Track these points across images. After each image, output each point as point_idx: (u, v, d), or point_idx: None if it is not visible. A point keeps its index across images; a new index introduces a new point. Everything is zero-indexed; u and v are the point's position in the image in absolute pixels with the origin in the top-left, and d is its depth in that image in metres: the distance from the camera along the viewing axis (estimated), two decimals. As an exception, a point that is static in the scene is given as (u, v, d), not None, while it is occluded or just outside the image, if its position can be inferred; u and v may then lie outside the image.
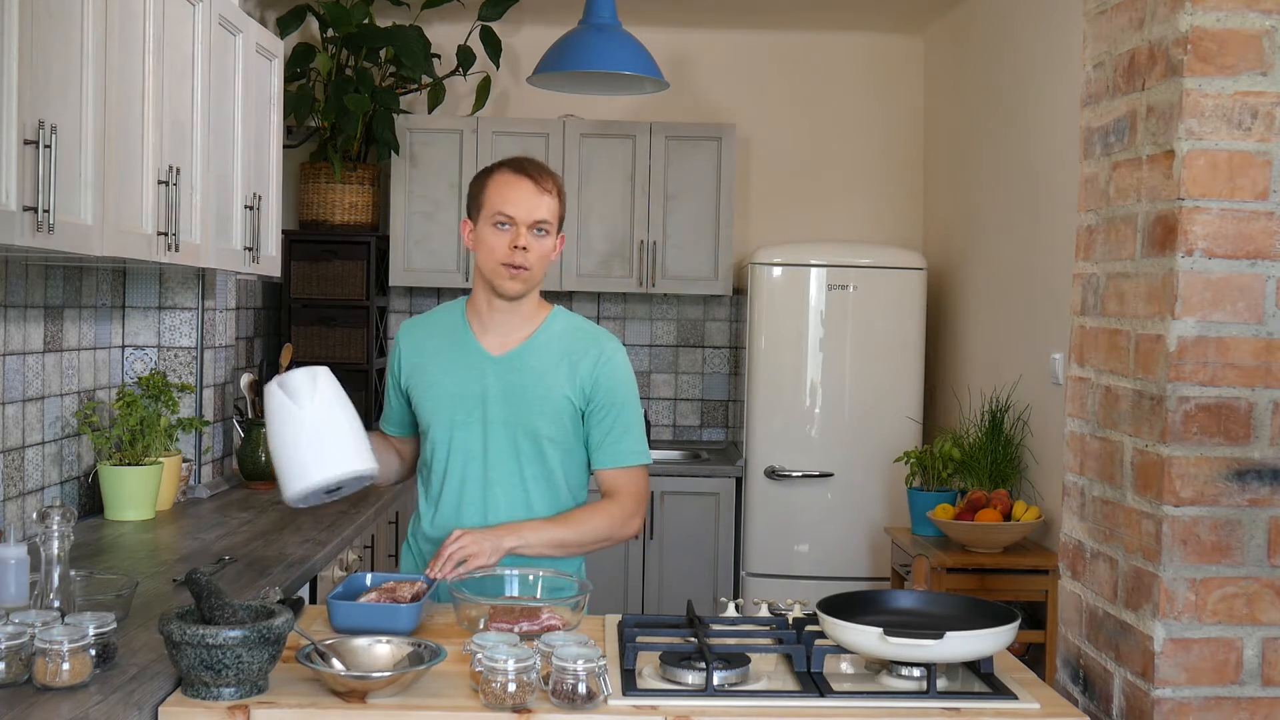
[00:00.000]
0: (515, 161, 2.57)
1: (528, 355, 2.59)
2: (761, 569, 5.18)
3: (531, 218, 2.51)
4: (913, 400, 5.16)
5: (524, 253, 2.50)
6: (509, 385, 2.57)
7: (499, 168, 2.57)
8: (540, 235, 2.53)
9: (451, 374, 2.60)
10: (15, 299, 3.06)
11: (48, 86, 2.29)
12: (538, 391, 2.56)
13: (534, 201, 2.51)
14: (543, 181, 2.53)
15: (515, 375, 2.57)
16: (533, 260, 2.52)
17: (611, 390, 2.59)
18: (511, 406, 2.57)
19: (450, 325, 2.65)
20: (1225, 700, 1.95)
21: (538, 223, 2.52)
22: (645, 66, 4.29)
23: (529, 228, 2.51)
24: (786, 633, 2.30)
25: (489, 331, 2.60)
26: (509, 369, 2.58)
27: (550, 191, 2.54)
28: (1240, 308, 1.93)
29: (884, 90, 5.87)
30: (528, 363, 2.58)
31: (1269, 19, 1.91)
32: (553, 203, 2.54)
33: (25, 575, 2.18)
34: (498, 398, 2.57)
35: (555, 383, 2.57)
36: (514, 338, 2.60)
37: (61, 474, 3.33)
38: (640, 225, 5.47)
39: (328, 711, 1.91)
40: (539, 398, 2.56)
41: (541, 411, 2.56)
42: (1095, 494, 2.16)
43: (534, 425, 2.57)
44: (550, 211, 2.53)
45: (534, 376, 2.57)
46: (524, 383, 2.57)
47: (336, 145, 5.21)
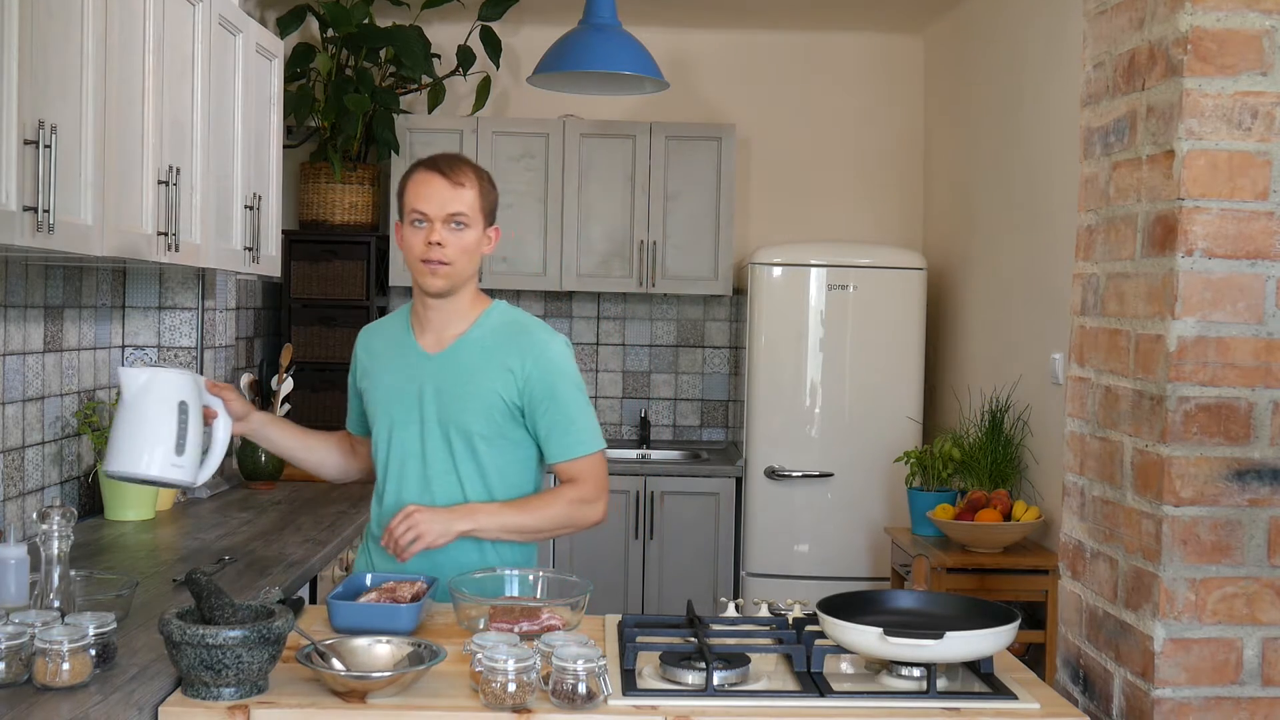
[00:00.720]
0: (430, 159, 2.56)
1: (461, 352, 2.57)
2: (761, 569, 5.18)
3: (444, 212, 2.49)
4: (913, 400, 5.16)
5: (440, 248, 2.48)
6: (442, 383, 2.56)
7: (415, 167, 2.57)
8: (458, 229, 2.50)
9: (392, 374, 2.61)
10: (15, 299, 3.06)
11: (48, 86, 2.29)
12: (469, 389, 2.55)
13: (446, 196, 2.50)
14: (455, 175, 2.51)
15: (448, 373, 2.56)
16: (452, 255, 2.49)
17: (548, 384, 2.55)
18: (444, 404, 2.56)
19: (396, 328, 2.67)
20: (1225, 700, 1.95)
21: (452, 216, 2.50)
22: (645, 66, 4.29)
23: (443, 222, 2.49)
24: (786, 633, 2.30)
25: (426, 330, 2.60)
26: (443, 367, 2.57)
27: (465, 184, 2.51)
28: (1240, 308, 1.93)
29: (884, 90, 5.87)
30: (461, 360, 2.57)
31: (1269, 19, 1.91)
32: (469, 195, 2.52)
33: (25, 575, 2.18)
34: (432, 396, 2.56)
35: (486, 379, 2.54)
36: (449, 334, 2.59)
37: (61, 474, 3.33)
38: (640, 225, 5.47)
39: (328, 711, 1.91)
40: (470, 395, 2.54)
41: (472, 408, 2.54)
42: (1095, 494, 2.16)
43: (465, 423, 2.55)
44: (467, 204, 2.51)
45: (466, 374, 2.56)
46: (456, 380, 2.56)
47: (336, 145, 5.21)
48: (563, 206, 5.45)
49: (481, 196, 2.54)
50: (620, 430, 5.87)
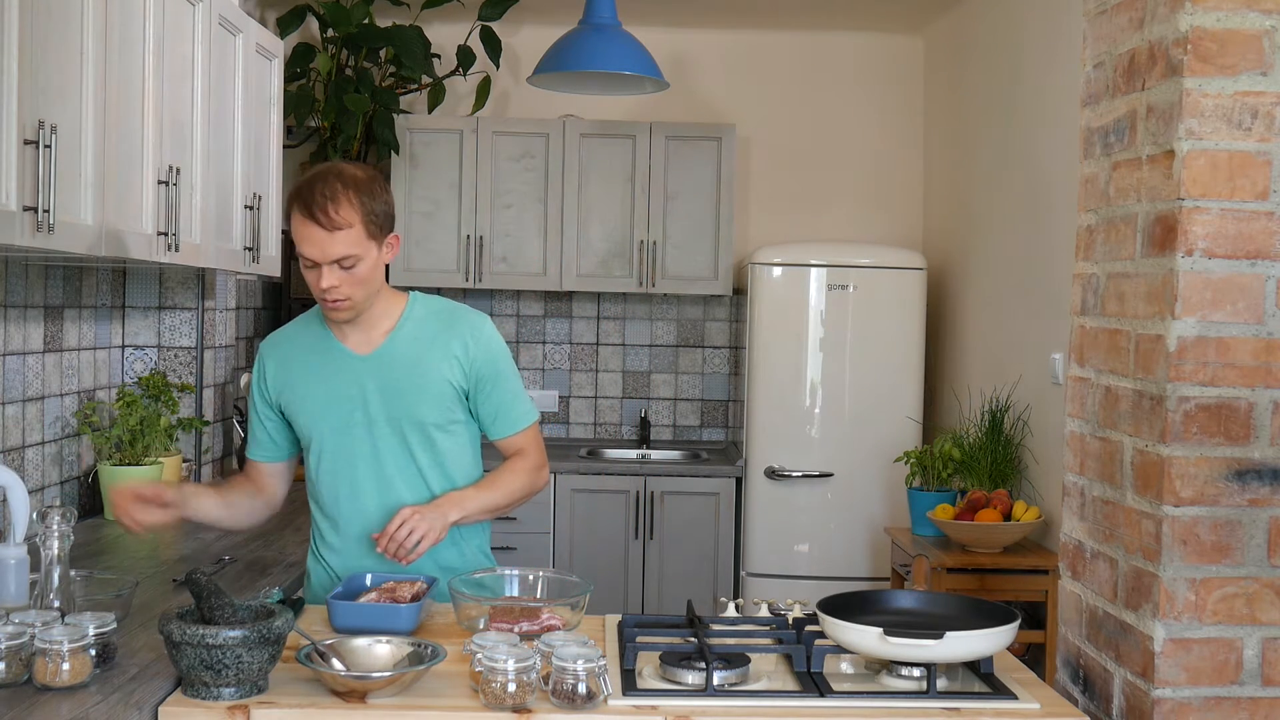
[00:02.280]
0: (307, 196, 2.41)
1: (396, 347, 2.56)
2: (761, 569, 5.18)
3: (328, 258, 2.40)
4: (913, 400, 5.16)
5: (335, 288, 2.43)
6: (384, 381, 2.54)
7: (295, 202, 2.43)
8: (347, 269, 2.42)
9: (324, 382, 2.56)
10: (15, 299, 3.06)
11: (48, 86, 2.29)
12: (414, 381, 2.54)
13: (326, 244, 2.39)
14: (332, 220, 2.38)
15: (389, 370, 2.55)
16: (347, 291, 2.44)
17: (492, 363, 2.59)
18: (392, 402, 2.54)
19: (311, 335, 2.60)
20: (1225, 700, 1.95)
21: (338, 260, 2.41)
22: (645, 66, 4.29)
23: (330, 265, 2.41)
24: (786, 633, 2.30)
25: (349, 335, 2.56)
26: (381, 365, 2.55)
27: (343, 225, 2.39)
28: (1240, 308, 1.93)
29: (884, 90, 5.87)
30: (398, 355, 2.55)
31: (1269, 19, 1.91)
32: (350, 234, 2.40)
33: (25, 575, 2.18)
34: (376, 396, 2.54)
35: (431, 368, 2.54)
36: (377, 333, 2.57)
37: (61, 474, 3.33)
38: (640, 225, 5.47)
39: (328, 711, 1.91)
40: (417, 387, 2.54)
41: (423, 400, 2.55)
42: (1095, 494, 2.16)
43: (418, 415, 2.55)
44: (350, 244, 2.40)
45: (408, 367, 2.55)
46: (399, 375, 2.54)
47: (336, 145, 5.20)
48: (563, 206, 5.45)
49: (366, 224, 2.42)
50: (620, 430, 5.87)
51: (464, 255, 5.42)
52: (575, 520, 5.18)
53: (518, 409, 2.63)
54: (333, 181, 2.42)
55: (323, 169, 2.47)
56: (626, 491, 5.20)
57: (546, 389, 5.84)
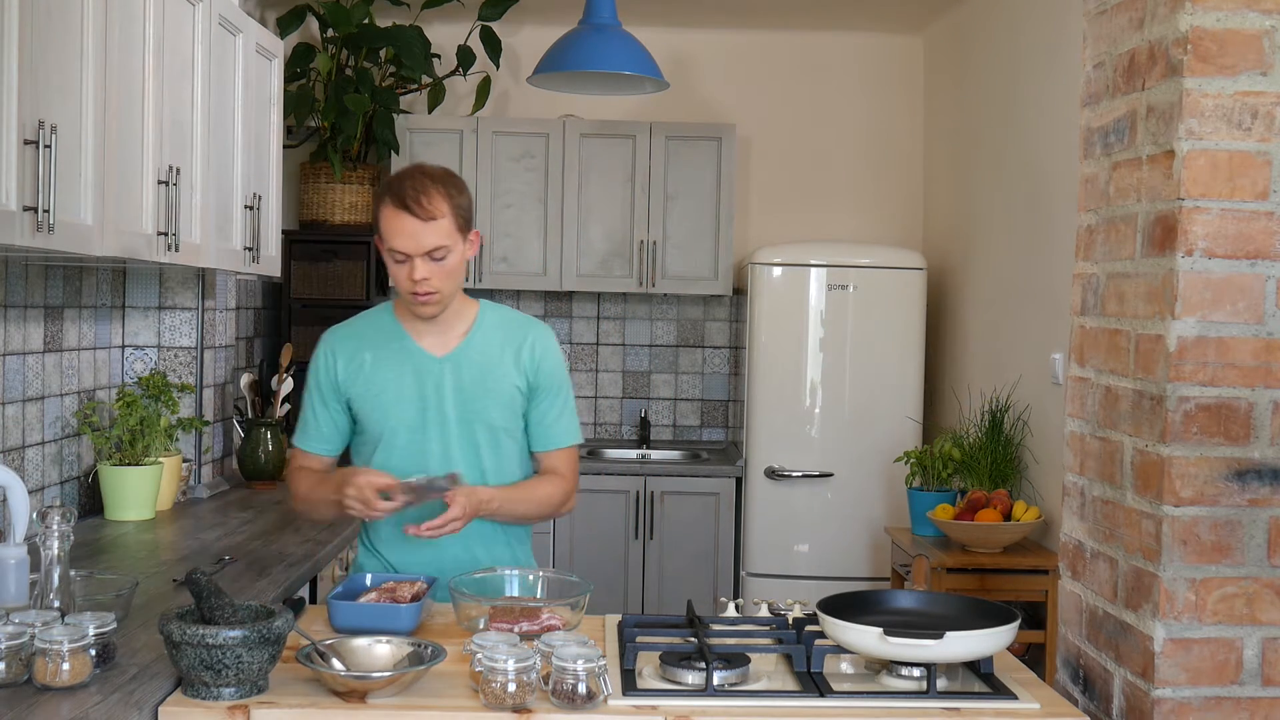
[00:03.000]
0: (398, 190, 2.49)
1: (471, 351, 2.62)
2: (761, 569, 5.18)
3: (421, 249, 2.47)
4: (913, 400, 5.16)
5: (426, 281, 2.49)
6: (459, 382, 2.60)
7: (386, 196, 2.50)
8: (439, 260, 2.49)
9: (400, 379, 2.60)
10: (15, 299, 3.06)
11: (48, 86, 2.29)
12: (487, 384, 2.61)
13: (420, 235, 2.46)
14: (425, 210, 2.46)
15: (463, 372, 2.61)
16: (437, 284, 2.51)
17: (552, 374, 2.66)
18: (465, 403, 2.60)
19: (383, 332, 2.64)
20: (1225, 700, 1.95)
21: (430, 251, 2.48)
22: (645, 66, 4.29)
23: (422, 258, 2.48)
24: (786, 633, 2.30)
25: (424, 335, 2.62)
26: (456, 367, 2.61)
27: (436, 215, 2.47)
28: (1240, 308, 1.93)
29: (884, 90, 5.87)
30: (472, 359, 2.62)
31: (1269, 19, 1.91)
32: (442, 225, 2.48)
33: (25, 575, 2.18)
34: (451, 396, 2.59)
35: (503, 374, 2.62)
36: (452, 336, 2.63)
37: (61, 474, 3.33)
38: (640, 225, 5.47)
39: (328, 711, 1.91)
40: (489, 390, 2.61)
41: (496, 403, 2.61)
42: (1095, 494, 2.16)
43: (490, 418, 2.61)
44: (442, 235, 2.48)
45: (481, 370, 2.61)
46: (473, 378, 2.61)
47: (336, 145, 5.20)
48: (563, 206, 5.45)
49: (455, 216, 2.51)
50: (620, 430, 5.87)
51: (464, 255, 5.42)
52: (575, 520, 5.17)
53: (563, 425, 2.70)
54: (420, 177, 2.52)
55: (407, 169, 2.57)
56: (626, 491, 5.20)
57: (546, 389, 5.83)
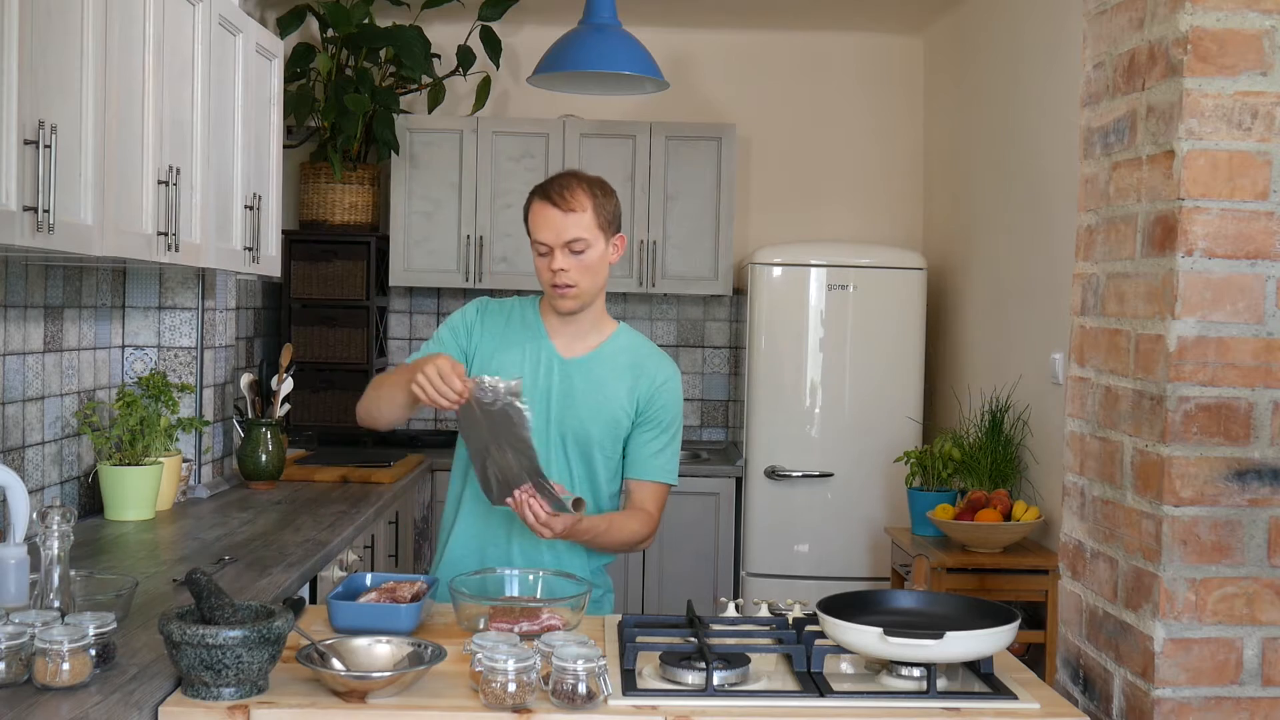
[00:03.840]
0: (545, 186, 2.64)
1: (595, 363, 2.69)
2: (761, 569, 5.18)
3: (562, 240, 2.58)
4: (913, 400, 5.16)
5: (564, 273, 2.60)
6: (572, 388, 2.67)
7: (534, 194, 2.65)
8: (579, 254, 2.60)
9: (520, 364, 2.67)
10: (15, 299, 3.06)
11: (48, 86, 2.29)
12: (597, 399, 2.67)
13: (561, 225, 2.58)
14: (568, 203, 2.59)
15: (580, 380, 2.67)
16: (575, 277, 2.60)
17: (664, 409, 2.71)
18: (569, 408, 2.66)
19: (526, 319, 2.73)
20: (1225, 700, 1.95)
21: (569, 243, 2.59)
22: (645, 66, 4.29)
23: (563, 249, 2.59)
24: (786, 633, 2.30)
25: (560, 334, 2.70)
26: (576, 373, 2.68)
27: (578, 209, 2.59)
28: (1240, 308, 1.93)
29: (884, 90, 5.87)
30: (594, 371, 2.68)
31: (1269, 19, 1.91)
32: (583, 218, 2.59)
33: (25, 575, 2.18)
34: (560, 398, 2.66)
35: (615, 394, 2.68)
36: (584, 344, 2.71)
37: (61, 474, 3.33)
38: (640, 225, 5.47)
39: (328, 711, 1.91)
40: (597, 405, 2.67)
41: (596, 418, 2.66)
42: (1095, 494, 2.16)
43: (586, 430, 2.66)
44: (583, 228, 2.59)
45: (596, 384, 2.67)
46: (586, 389, 2.67)
47: (336, 145, 5.21)
48: (563, 206, 5.44)
49: (598, 213, 2.61)
50: (620, 430, 5.87)
51: (464, 255, 5.42)
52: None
53: (662, 460, 2.72)
54: (568, 176, 2.66)
55: (561, 172, 2.73)
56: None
57: (546, 389, 5.84)
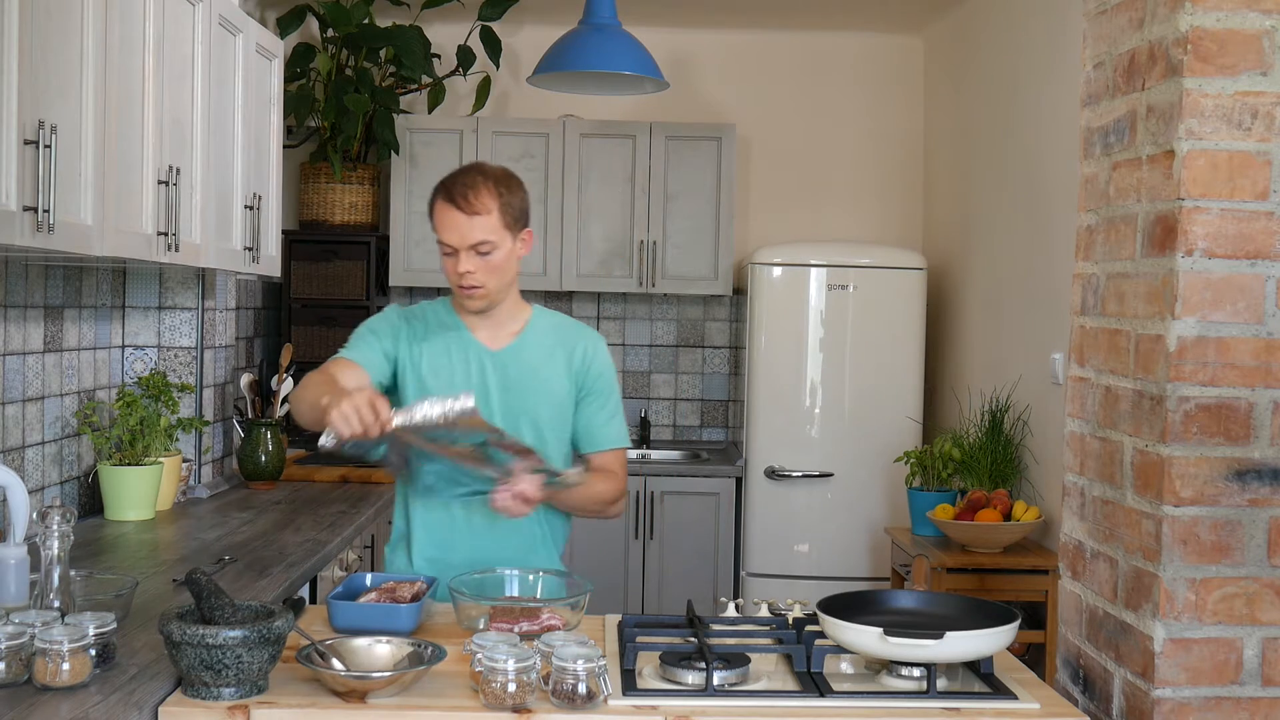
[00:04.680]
0: (448, 186, 2.57)
1: (524, 349, 2.68)
2: (761, 569, 5.18)
3: (467, 244, 2.53)
4: (913, 400, 5.16)
5: (471, 274, 2.55)
6: (510, 378, 2.65)
7: (437, 192, 2.58)
8: (484, 255, 2.55)
9: (453, 365, 2.64)
10: (15, 299, 3.06)
11: (48, 86, 2.29)
12: (536, 382, 2.66)
13: (466, 228, 2.53)
14: (472, 205, 2.52)
15: (515, 368, 2.66)
16: (482, 279, 2.56)
17: (604, 377, 2.72)
18: (513, 398, 2.64)
19: (443, 320, 2.69)
20: (1225, 700, 1.95)
21: (475, 246, 2.54)
22: (645, 66, 4.29)
23: (468, 252, 2.54)
24: (786, 633, 2.30)
25: (480, 328, 2.68)
26: (509, 362, 2.66)
27: (483, 211, 2.53)
28: (1240, 308, 1.93)
29: (884, 90, 5.87)
30: (525, 356, 2.67)
31: (1269, 19, 1.91)
32: (488, 220, 2.53)
33: (25, 575, 2.18)
34: (498, 390, 2.64)
35: (554, 373, 2.68)
36: (506, 333, 2.68)
37: (61, 474, 3.33)
38: (640, 225, 5.47)
39: (328, 711, 1.91)
40: (540, 388, 2.66)
41: (544, 401, 2.66)
42: (1095, 494, 2.16)
43: (537, 414, 2.65)
44: (488, 229, 2.53)
45: (532, 369, 2.67)
46: (524, 375, 2.66)
47: (336, 145, 5.20)
48: (563, 206, 5.45)
49: (504, 213, 2.56)
50: (620, 430, 5.86)
51: (464, 255, 5.42)
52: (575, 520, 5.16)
53: (613, 428, 2.74)
54: (473, 174, 2.58)
55: (465, 166, 2.64)
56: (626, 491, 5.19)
57: (546, 389, 5.84)
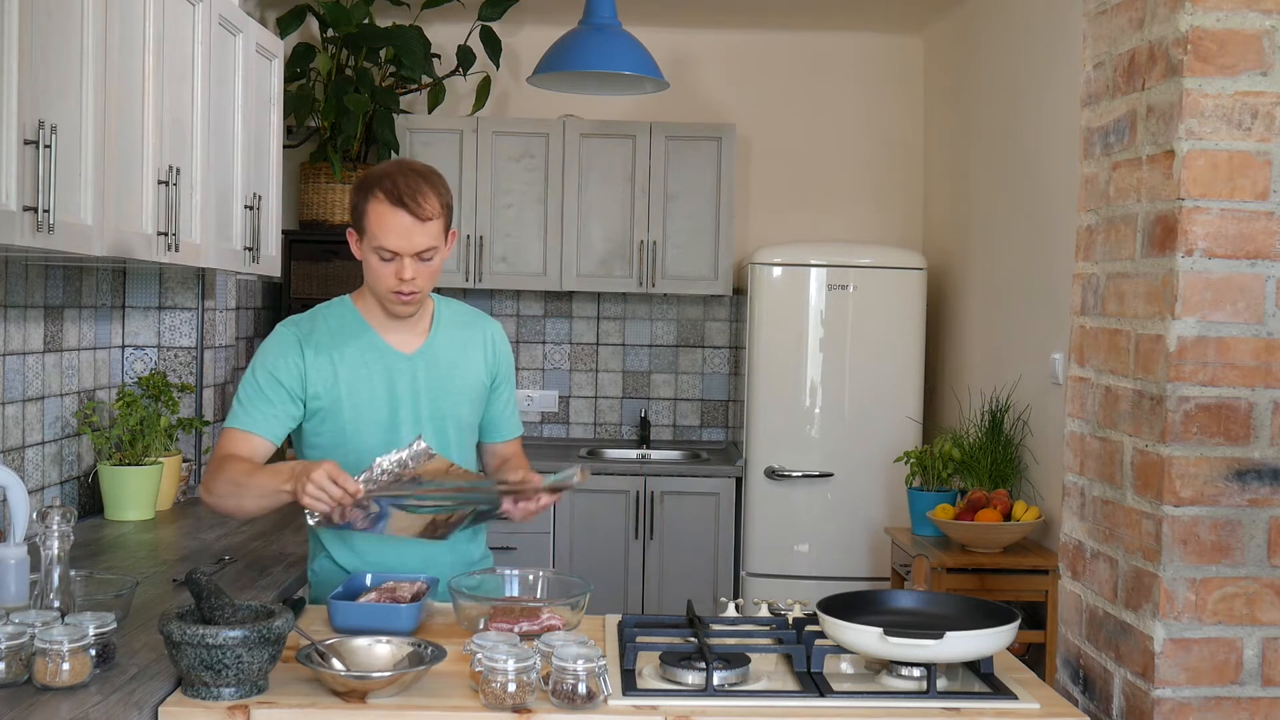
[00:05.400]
0: (391, 184, 2.40)
1: (437, 348, 2.59)
2: (761, 569, 5.18)
3: (414, 250, 2.41)
4: (913, 400, 5.16)
5: (413, 280, 2.43)
6: (429, 380, 2.56)
7: (375, 190, 2.41)
8: (426, 260, 2.44)
9: (372, 378, 2.52)
10: (15, 299, 3.06)
11: (48, 86, 2.29)
12: (455, 381, 2.59)
13: (416, 234, 2.40)
14: (422, 210, 2.39)
15: (432, 369, 2.57)
16: (422, 284, 2.46)
17: (508, 367, 2.70)
18: (436, 400, 2.56)
19: (347, 329, 2.54)
20: (1225, 700, 1.95)
21: (421, 252, 2.42)
22: (645, 66, 4.29)
23: (412, 258, 2.42)
24: (786, 633, 2.30)
25: (390, 331, 2.56)
26: (425, 364, 2.57)
27: (432, 216, 2.41)
28: (1240, 308, 1.93)
29: (884, 90, 5.87)
30: (439, 355, 2.58)
31: (1269, 19, 1.91)
32: (435, 225, 2.42)
33: (25, 575, 2.18)
34: (424, 394, 2.55)
35: (471, 369, 2.62)
36: (417, 332, 2.58)
37: (61, 474, 3.33)
38: (640, 225, 5.47)
39: (328, 711, 1.91)
40: (458, 387, 2.59)
41: (465, 399, 2.61)
42: (1095, 494, 2.16)
43: (460, 414, 2.60)
44: (433, 236, 2.42)
45: (448, 367, 2.59)
46: (441, 375, 2.58)
47: (336, 145, 5.20)
48: (563, 206, 5.45)
49: (445, 217, 2.46)
50: (620, 430, 5.87)
51: (464, 255, 5.42)
52: (575, 520, 5.18)
53: (515, 416, 2.75)
54: (413, 175, 2.43)
55: (391, 163, 2.48)
56: (626, 492, 5.20)
57: (546, 389, 5.84)
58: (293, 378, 2.49)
